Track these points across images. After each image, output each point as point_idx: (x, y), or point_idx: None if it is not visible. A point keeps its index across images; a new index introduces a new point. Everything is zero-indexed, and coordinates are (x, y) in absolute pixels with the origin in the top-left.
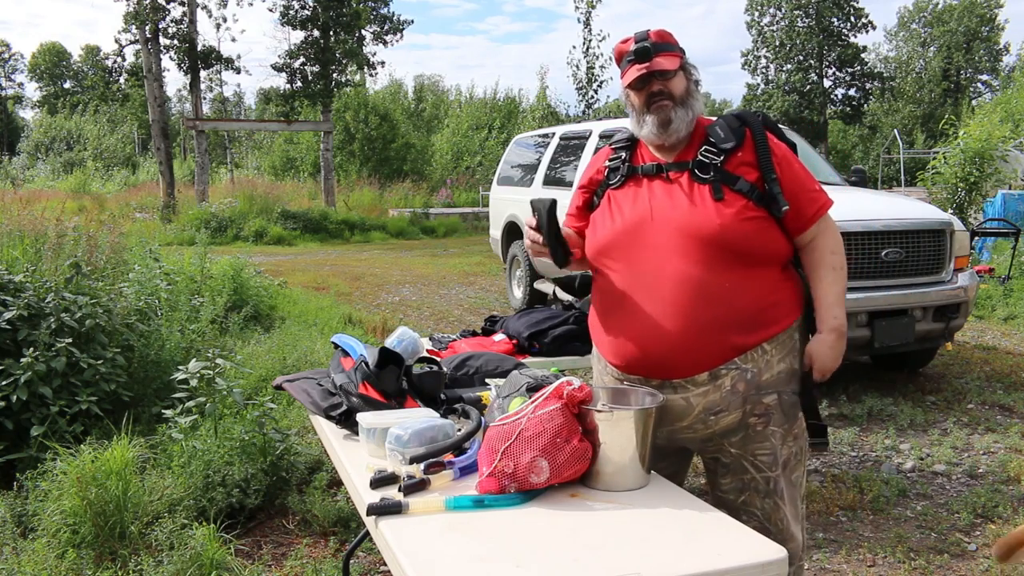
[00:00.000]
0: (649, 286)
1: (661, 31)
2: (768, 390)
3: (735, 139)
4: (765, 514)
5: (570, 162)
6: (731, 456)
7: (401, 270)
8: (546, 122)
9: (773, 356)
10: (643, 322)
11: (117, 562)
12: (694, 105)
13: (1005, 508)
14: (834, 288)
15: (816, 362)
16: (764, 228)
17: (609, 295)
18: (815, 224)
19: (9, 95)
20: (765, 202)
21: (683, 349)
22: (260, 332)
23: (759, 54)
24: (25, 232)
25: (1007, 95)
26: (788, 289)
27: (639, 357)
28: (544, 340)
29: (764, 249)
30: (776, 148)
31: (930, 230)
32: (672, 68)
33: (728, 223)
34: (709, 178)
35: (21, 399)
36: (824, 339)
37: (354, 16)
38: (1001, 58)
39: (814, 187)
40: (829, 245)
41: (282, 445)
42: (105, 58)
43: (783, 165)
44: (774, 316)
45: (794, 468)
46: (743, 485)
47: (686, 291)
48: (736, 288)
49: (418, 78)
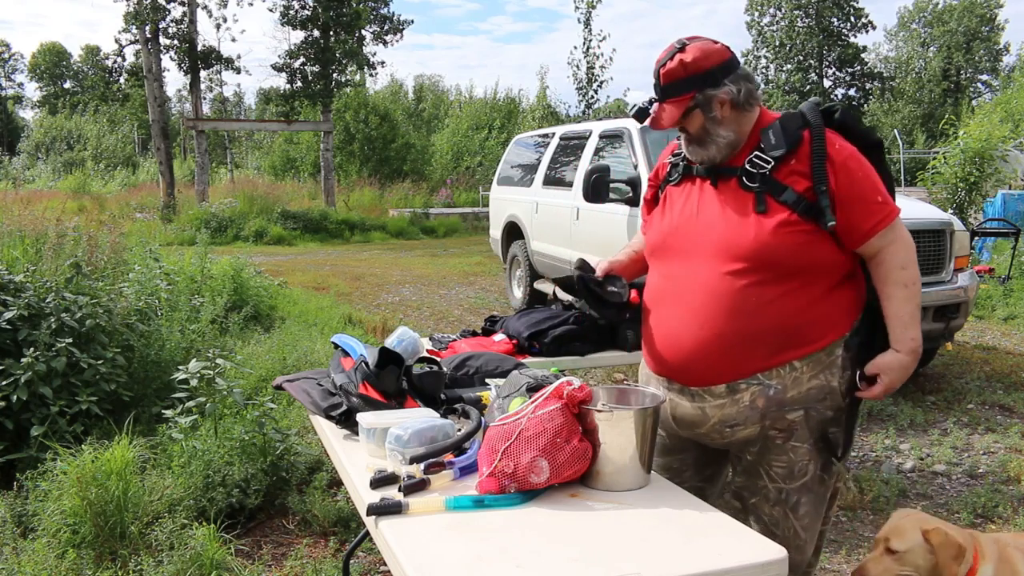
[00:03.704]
0: (680, 291)
1: (673, 68)
2: (794, 407)
3: (787, 144)
4: (773, 520)
5: (570, 162)
6: (747, 461)
7: (401, 270)
8: (546, 122)
9: (804, 374)
10: (668, 326)
11: (117, 562)
12: (717, 139)
13: (1005, 508)
14: (907, 307)
15: (885, 378)
16: (809, 242)
17: (649, 295)
18: (876, 237)
19: (9, 95)
20: (813, 214)
21: (702, 359)
22: (260, 332)
23: (759, 54)
24: (26, 232)
25: (1007, 95)
26: (836, 304)
27: (662, 359)
28: (544, 340)
29: (807, 264)
30: (835, 154)
31: (930, 230)
32: (671, 123)
33: (765, 237)
34: (755, 187)
35: (21, 399)
36: (900, 359)
37: (354, 16)
38: (1001, 58)
39: (876, 198)
40: (899, 260)
41: (282, 445)
42: (105, 58)
43: (841, 173)
44: (811, 334)
45: (822, 485)
46: (755, 489)
47: (712, 302)
48: (767, 304)
49: (418, 78)
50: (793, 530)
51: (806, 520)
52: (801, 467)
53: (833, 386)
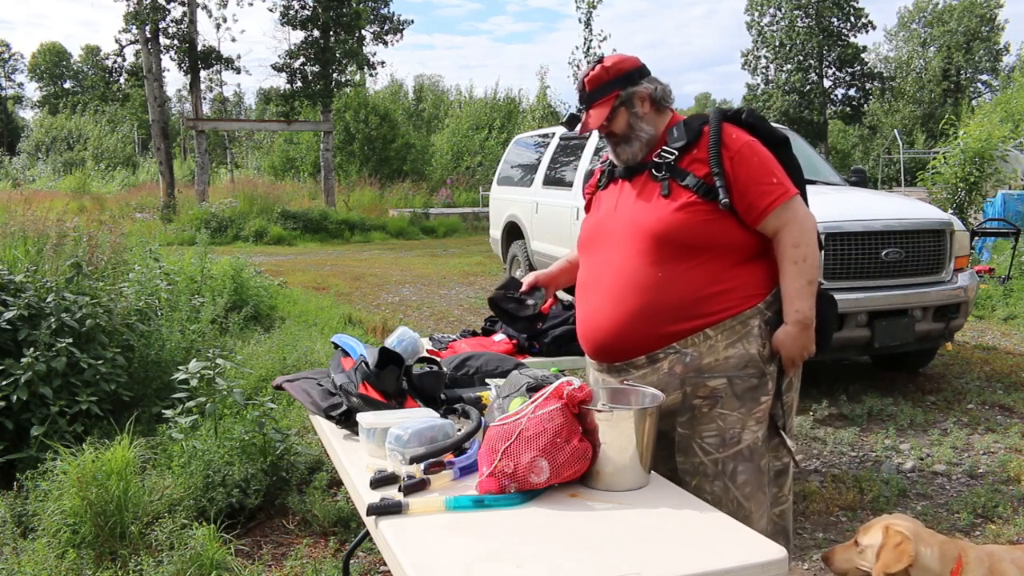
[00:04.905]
0: (599, 278)
1: (597, 73)
2: (713, 374)
3: (688, 137)
4: (716, 498)
5: (570, 162)
6: (680, 436)
7: (401, 270)
8: (546, 122)
9: (719, 342)
10: (590, 309)
11: (117, 562)
12: (639, 134)
13: (1005, 508)
14: (795, 282)
15: (782, 351)
16: (710, 220)
17: (577, 286)
18: (771, 216)
19: (9, 95)
20: (711, 196)
21: (619, 335)
22: (260, 332)
23: (759, 54)
24: (26, 232)
25: (1007, 95)
26: (746, 278)
27: (589, 343)
28: (544, 340)
29: (709, 241)
30: (732, 143)
31: (930, 230)
32: (599, 124)
33: (668, 217)
34: (661, 176)
35: (21, 399)
36: (787, 331)
37: (354, 16)
38: (1001, 58)
39: (771, 180)
40: (791, 238)
41: (282, 445)
42: (105, 58)
43: (737, 158)
44: (719, 304)
45: (761, 454)
46: (693, 468)
47: (620, 282)
48: (670, 278)
49: (418, 78)
50: (736, 502)
51: (747, 489)
52: (733, 435)
53: (752, 354)
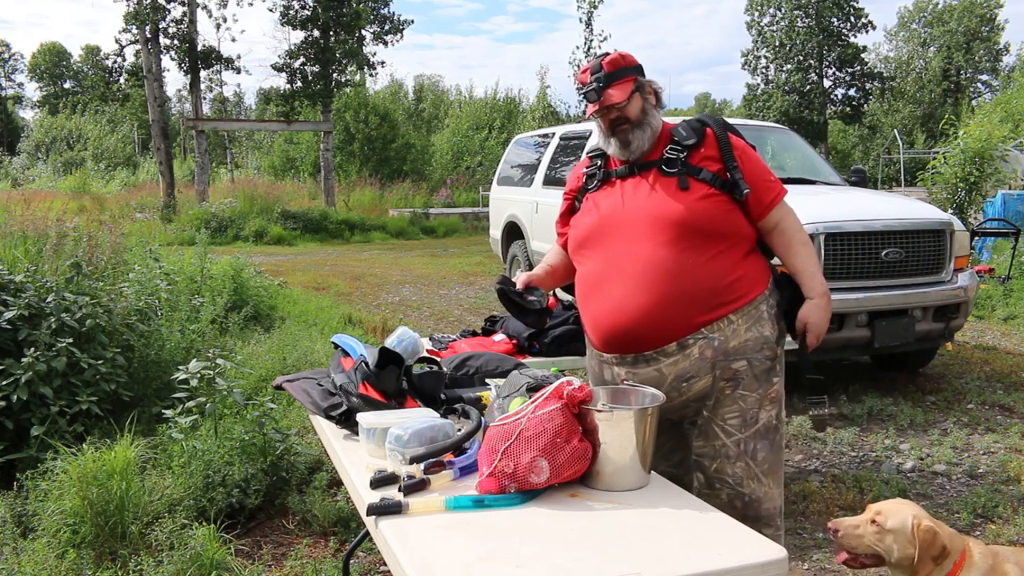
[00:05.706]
0: (621, 268)
1: (615, 58)
2: (736, 356)
3: (696, 137)
4: (737, 480)
5: (570, 162)
6: (704, 419)
7: (401, 270)
8: (546, 122)
9: (740, 325)
10: (616, 300)
11: (117, 562)
12: (651, 121)
13: (1005, 508)
14: (809, 260)
15: (811, 325)
16: (728, 211)
17: (586, 281)
18: (775, 209)
19: (9, 95)
20: (727, 188)
21: (652, 323)
22: (260, 332)
23: (759, 54)
24: (26, 232)
25: (1007, 95)
26: (753, 266)
27: (613, 333)
28: (544, 340)
29: (727, 229)
30: (736, 143)
31: (930, 230)
32: (622, 100)
33: (692, 205)
34: (675, 171)
35: (21, 399)
36: (817, 304)
37: (354, 16)
38: (1001, 58)
39: (769, 177)
40: (795, 225)
41: (282, 445)
42: (105, 58)
43: (743, 157)
44: (738, 291)
45: (776, 432)
46: (714, 452)
47: (653, 269)
48: (700, 265)
49: (418, 78)
50: (757, 479)
51: (766, 466)
52: (752, 415)
53: (766, 335)
